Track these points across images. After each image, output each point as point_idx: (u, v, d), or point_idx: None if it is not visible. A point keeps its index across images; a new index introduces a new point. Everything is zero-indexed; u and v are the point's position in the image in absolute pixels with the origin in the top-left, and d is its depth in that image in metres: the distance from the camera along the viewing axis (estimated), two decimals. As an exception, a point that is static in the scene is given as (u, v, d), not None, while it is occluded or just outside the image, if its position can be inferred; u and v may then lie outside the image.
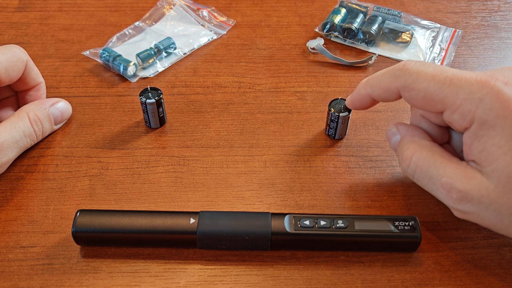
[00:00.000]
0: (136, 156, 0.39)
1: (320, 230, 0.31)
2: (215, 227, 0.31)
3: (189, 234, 0.31)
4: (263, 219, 0.32)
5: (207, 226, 0.31)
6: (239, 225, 0.31)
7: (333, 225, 0.31)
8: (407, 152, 0.32)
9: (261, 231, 0.31)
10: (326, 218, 0.32)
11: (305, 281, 0.31)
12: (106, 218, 0.32)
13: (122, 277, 0.31)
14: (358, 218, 0.32)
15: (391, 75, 0.32)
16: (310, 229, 0.31)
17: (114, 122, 0.41)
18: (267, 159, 0.39)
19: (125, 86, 0.45)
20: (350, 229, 0.31)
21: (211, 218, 0.32)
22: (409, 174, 0.32)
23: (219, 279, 0.31)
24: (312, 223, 0.31)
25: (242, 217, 0.32)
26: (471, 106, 0.28)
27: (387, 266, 0.32)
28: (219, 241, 0.31)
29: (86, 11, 0.54)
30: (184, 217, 0.32)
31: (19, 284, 0.31)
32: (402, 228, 0.32)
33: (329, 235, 0.31)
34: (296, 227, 0.31)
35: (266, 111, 0.43)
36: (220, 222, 0.32)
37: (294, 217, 0.32)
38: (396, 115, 0.43)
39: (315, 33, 0.52)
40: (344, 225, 0.32)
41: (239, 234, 0.31)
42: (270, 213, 0.32)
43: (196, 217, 0.32)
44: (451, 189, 0.29)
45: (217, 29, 0.52)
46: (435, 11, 0.55)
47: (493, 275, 0.32)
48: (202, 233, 0.31)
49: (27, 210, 0.35)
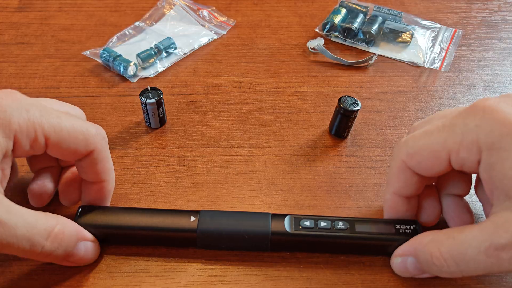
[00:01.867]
0: (136, 156, 0.39)
1: (320, 231, 0.31)
2: (215, 226, 0.31)
3: (189, 232, 0.31)
4: (263, 219, 0.32)
5: (207, 225, 0.31)
6: (239, 224, 0.31)
7: (333, 226, 0.31)
8: (434, 255, 0.28)
9: (261, 231, 0.31)
10: (327, 219, 0.32)
11: (305, 281, 0.31)
12: (107, 215, 0.32)
13: (122, 277, 0.31)
14: (359, 221, 0.32)
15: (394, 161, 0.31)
16: (310, 230, 0.31)
17: (114, 122, 0.41)
18: (267, 159, 0.39)
19: (125, 86, 0.45)
20: (350, 231, 0.31)
21: (212, 217, 0.32)
22: (457, 274, 0.27)
23: (219, 279, 0.31)
24: (313, 224, 0.31)
25: (242, 217, 0.32)
26: (472, 136, 0.26)
27: (387, 266, 0.32)
28: (219, 240, 0.31)
29: (86, 11, 0.54)
30: (185, 215, 0.32)
31: (19, 284, 0.31)
32: (403, 231, 0.31)
33: (329, 237, 0.31)
34: (296, 227, 0.31)
35: (266, 111, 0.43)
36: (220, 221, 0.31)
37: (294, 218, 0.32)
38: (396, 115, 0.43)
39: (315, 33, 0.52)
40: (344, 227, 0.31)
41: (239, 233, 0.31)
42: (271, 214, 0.32)
43: (196, 215, 0.32)
44: (496, 254, 0.25)
45: (217, 29, 0.52)
46: (436, 11, 0.55)
47: (494, 275, 0.32)
48: (202, 231, 0.31)
49: (27, 210, 0.35)
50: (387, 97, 0.45)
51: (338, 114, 0.39)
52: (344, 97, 0.39)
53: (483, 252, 0.25)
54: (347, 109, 0.38)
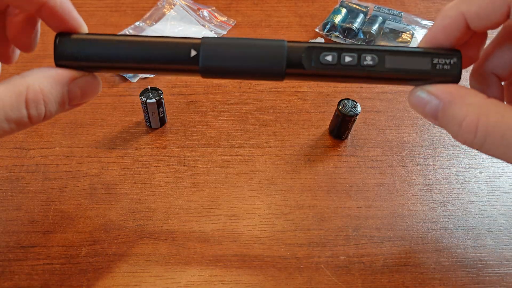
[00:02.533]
0: (137, 156, 0.39)
1: (344, 69, 0.26)
2: (220, 61, 0.26)
3: (189, 66, 0.26)
4: (277, 43, 0.26)
5: (210, 60, 0.26)
6: (249, 58, 0.26)
7: (359, 62, 0.26)
8: (469, 119, 0.24)
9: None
10: (352, 52, 0.26)
11: (305, 281, 0.31)
12: (93, 42, 0.26)
13: (123, 277, 0.31)
14: (390, 52, 0.26)
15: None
16: (332, 68, 0.26)
17: (115, 122, 0.41)
18: (267, 159, 0.39)
19: (125, 86, 0.45)
20: (380, 66, 0.26)
21: (215, 50, 0.26)
22: (475, 146, 0.25)
23: (220, 279, 0.31)
24: (336, 60, 0.26)
25: (252, 47, 0.26)
26: None
27: (388, 266, 0.32)
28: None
29: (86, 11, 0.54)
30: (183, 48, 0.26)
31: (19, 284, 0.31)
32: (441, 67, 0.26)
33: (354, 76, 0.26)
34: (316, 63, 0.26)
35: (266, 111, 0.43)
36: (226, 55, 0.26)
37: (314, 50, 0.26)
38: (397, 115, 0.43)
39: (316, 33, 0.52)
40: (373, 62, 0.26)
41: (250, 71, 0.26)
42: (286, 41, 0.26)
43: (197, 47, 0.26)
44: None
45: (217, 29, 0.52)
46: (436, 11, 0.55)
47: (494, 275, 0.32)
48: (206, 68, 0.26)
49: (28, 210, 0.35)
50: (387, 97, 0.45)
51: (337, 118, 0.39)
52: (343, 101, 0.39)
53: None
54: (346, 114, 0.38)
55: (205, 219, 0.34)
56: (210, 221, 0.34)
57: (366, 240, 0.33)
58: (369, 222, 0.35)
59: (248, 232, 0.34)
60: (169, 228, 0.34)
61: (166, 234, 0.33)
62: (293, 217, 0.35)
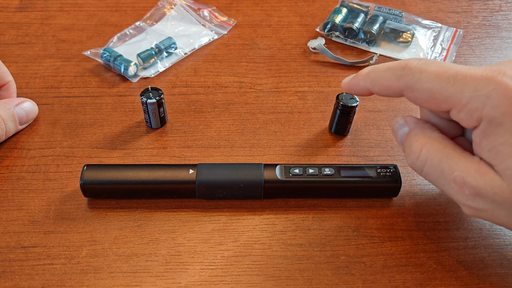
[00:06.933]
0: (137, 156, 0.39)
1: (308, 178, 0.34)
2: (212, 176, 0.34)
3: (188, 183, 0.34)
4: (256, 169, 0.34)
5: (205, 175, 0.34)
6: (234, 173, 0.34)
7: (320, 172, 0.34)
8: (417, 145, 0.30)
9: (255, 179, 0.34)
10: (314, 166, 0.35)
11: (306, 281, 0.31)
12: (111, 171, 0.34)
13: (123, 277, 0.31)
14: (343, 167, 0.35)
15: (394, 74, 0.30)
16: (299, 177, 0.34)
17: (115, 122, 0.41)
18: (268, 159, 0.39)
19: (126, 86, 0.45)
20: (336, 176, 0.34)
21: (209, 169, 0.34)
22: (418, 168, 0.30)
23: (220, 279, 0.31)
24: (302, 171, 0.34)
25: (237, 168, 0.35)
26: (478, 104, 0.26)
27: (388, 266, 0.32)
28: (216, 189, 0.34)
29: (87, 11, 0.54)
30: (184, 169, 0.34)
31: (20, 284, 0.31)
32: (384, 174, 0.35)
33: (317, 182, 0.34)
34: (287, 175, 0.34)
35: (267, 111, 0.43)
36: (217, 172, 0.34)
37: (285, 167, 0.35)
38: (397, 114, 0.43)
39: (316, 33, 0.52)
40: (330, 172, 0.34)
41: (235, 183, 0.34)
42: (263, 164, 0.35)
43: (194, 168, 0.34)
44: (463, 184, 0.27)
45: (218, 29, 0.52)
46: (436, 10, 0.55)
47: (495, 275, 0.32)
48: (201, 182, 0.34)
49: (28, 210, 0.35)
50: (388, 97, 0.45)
51: (337, 111, 0.39)
52: (341, 94, 0.39)
53: (452, 179, 0.28)
54: (346, 105, 0.38)
55: (205, 219, 0.34)
56: (211, 221, 0.34)
57: (366, 240, 0.33)
58: (370, 222, 0.34)
59: (248, 232, 0.34)
60: (170, 228, 0.34)
61: (166, 234, 0.33)
62: (293, 217, 0.35)
